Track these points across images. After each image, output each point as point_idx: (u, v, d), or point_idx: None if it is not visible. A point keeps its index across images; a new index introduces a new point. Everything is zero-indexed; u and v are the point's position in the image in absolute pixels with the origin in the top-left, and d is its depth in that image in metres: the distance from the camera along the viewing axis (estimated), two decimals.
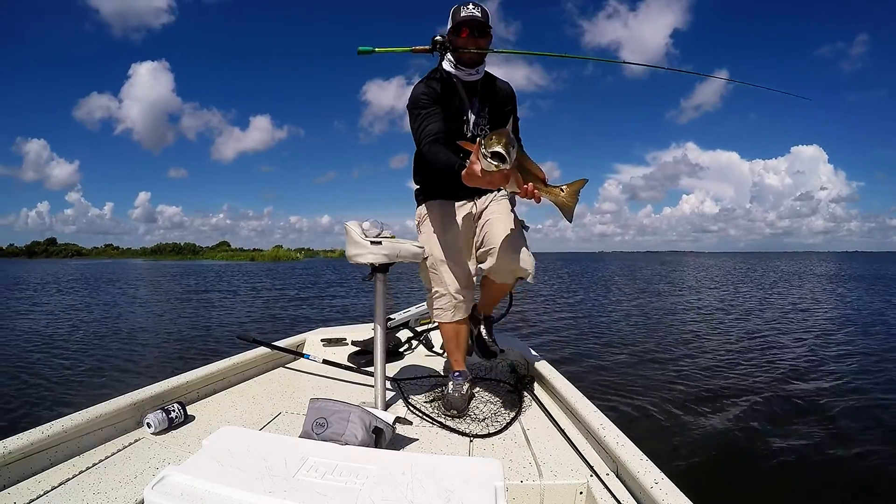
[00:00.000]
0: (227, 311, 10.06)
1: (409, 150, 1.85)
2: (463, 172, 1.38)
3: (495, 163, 1.21)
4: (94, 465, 1.26)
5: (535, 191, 1.39)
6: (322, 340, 2.59)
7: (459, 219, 1.84)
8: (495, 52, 1.76)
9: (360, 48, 1.71)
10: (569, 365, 4.77)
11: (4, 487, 1.13)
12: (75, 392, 4.07)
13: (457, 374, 1.86)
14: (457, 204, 1.85)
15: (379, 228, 1.63)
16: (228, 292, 14.98)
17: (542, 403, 1.73)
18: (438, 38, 1.74)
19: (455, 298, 1.77)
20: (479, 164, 1.27)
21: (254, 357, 2.18)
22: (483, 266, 1.78)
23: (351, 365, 2.19)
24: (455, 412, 1.66)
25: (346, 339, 2.61)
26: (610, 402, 3.56)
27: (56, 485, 1.15)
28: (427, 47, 1.75)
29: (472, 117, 1.79)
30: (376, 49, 1.72)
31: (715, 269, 30.93)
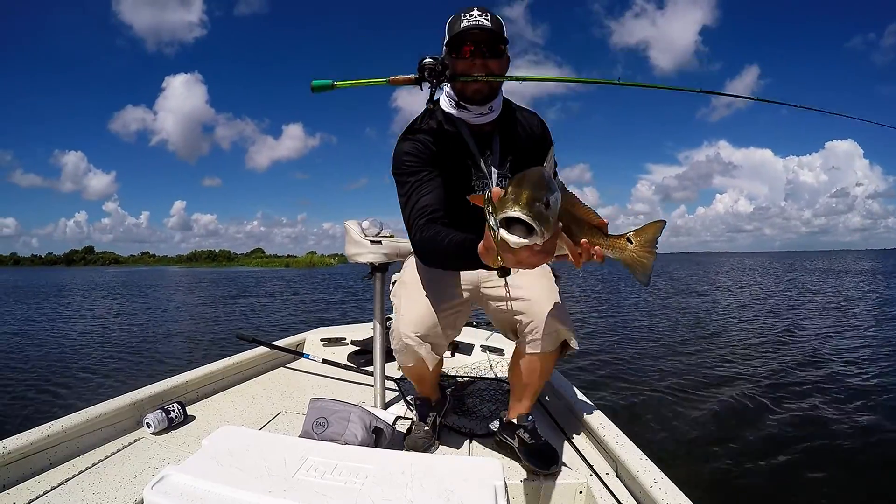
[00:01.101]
0: (269, 315, 10.13)
1: None
2: (479, 247, 0.89)
3: (514, 239, 0.73)
4: (94, 465, 1.26)
5: (596, 248, 0.93)
6: (322, 340, 2.60)
7: None
8: (515, 78, 1.20)
9: (314, 83, 1.23)
10: (570, 364, 4.77)
11: (4, 487, 1.13)
12: (75, 392, 4.07)
13: (419, 402, 1.46)
14: None
15: (378, 227, 1.63)
16: (271, 296, 15.14)
17: (542, 402, 1.74)
18: (429, 60, 1.18)
19: (405, 342, 1.22)
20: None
21: (253, 357, 2.18)
22: (502, 330, 1.36)
23: (351, 364, 2.19)
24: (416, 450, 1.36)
25: (345, 339, 2.61)
26: (610, 402, 3.56)
27: (56, 485, 1.15)
28: (411, 76, 1.20)
29: (488, 178, 1.26)
30: (336, 83, 1.22)
31: (742, 270, 30.77)
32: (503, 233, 0.73)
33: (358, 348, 2.44)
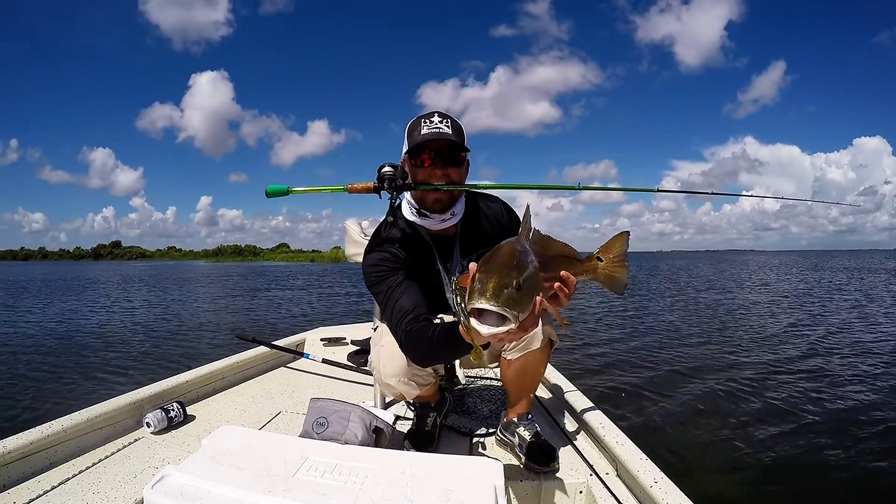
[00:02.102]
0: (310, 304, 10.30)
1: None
2: (461, 328, 0.88)
3: (485, 330, 0.70)
4: (94, 464, 1.26)
5: (569, 280, 0.87)
6: (322, 340, 2.60)
7: None
8: (478, 187, 1.23)
9: (269, 188, 1.24)
10: (570, 363, 4.77)
11: (4, 487, 1.13)
12: (75, 392, 4.07)
13: (419, 404, 1.44)
14: None
15: None
16: (303, 289, 15.38)
17: (542, 402, 1.73)
18: (388, 168, 1.19)
19: (386, 382, 1.23)
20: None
21: (253, 356, 2.18)
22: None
23: (351, 364, 2.19)
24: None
25: (345, 339, 2.61)
26: (610, 402, 3.56)
27: (56, 484, 1.15)
28: (370, 185, 1.20)
29: (451, 283, 1.19)
30: (292, 189, 1.24)
31: (764, 267, 30.49)
32: (473, 323, 0.70)
33: (358, 348, 2.44)
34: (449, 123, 1.16)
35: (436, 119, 1.15)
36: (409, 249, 1.23)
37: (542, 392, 1.88)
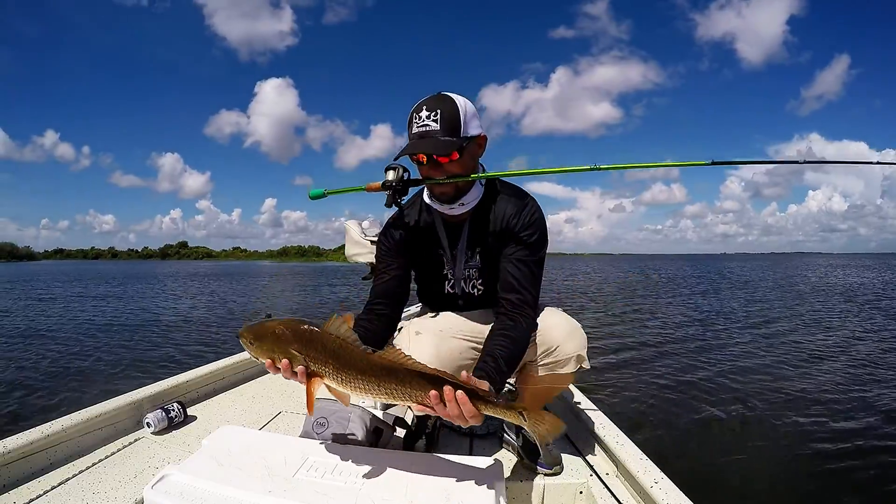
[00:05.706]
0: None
1: (528, 152, 1.08)
2: None
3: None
4: (94, 464, 1.26)
5: (464, 403, 0.83)
6: None
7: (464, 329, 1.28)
8: (477, 177, 1.16)
9: (312, 192, 1.41)
10: None
11: (4, 487, 1.13)
12: (75, 391, 4.06)
13: None
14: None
15: (378, 227, 1.63)
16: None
17: None
18: (390, 175, 1.18)
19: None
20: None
21: None
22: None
23: None
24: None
25: None
26: (610, 402, 3.56)
27: (56, 485, 1.15)
28: (379, 184, 1.22)
29: (455, 268, 1.26)
30: (327, 192, 1.40)
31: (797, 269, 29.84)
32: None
33: None
34: (438, 115, 1.08)
35: (423, 114, 1.09)
36: (418, 232, 1.26)
37: None
